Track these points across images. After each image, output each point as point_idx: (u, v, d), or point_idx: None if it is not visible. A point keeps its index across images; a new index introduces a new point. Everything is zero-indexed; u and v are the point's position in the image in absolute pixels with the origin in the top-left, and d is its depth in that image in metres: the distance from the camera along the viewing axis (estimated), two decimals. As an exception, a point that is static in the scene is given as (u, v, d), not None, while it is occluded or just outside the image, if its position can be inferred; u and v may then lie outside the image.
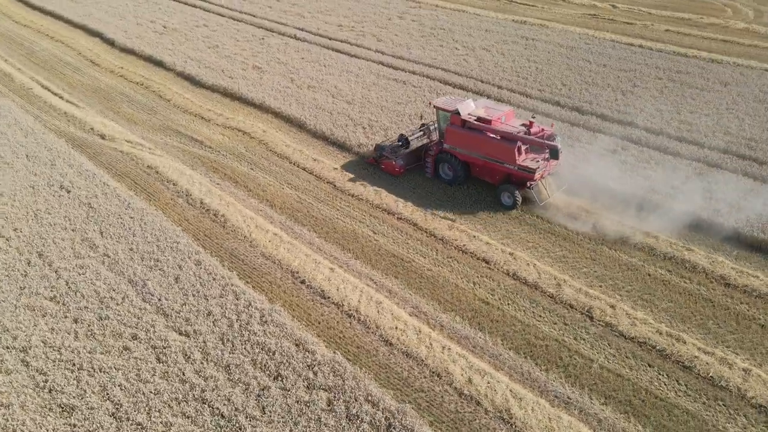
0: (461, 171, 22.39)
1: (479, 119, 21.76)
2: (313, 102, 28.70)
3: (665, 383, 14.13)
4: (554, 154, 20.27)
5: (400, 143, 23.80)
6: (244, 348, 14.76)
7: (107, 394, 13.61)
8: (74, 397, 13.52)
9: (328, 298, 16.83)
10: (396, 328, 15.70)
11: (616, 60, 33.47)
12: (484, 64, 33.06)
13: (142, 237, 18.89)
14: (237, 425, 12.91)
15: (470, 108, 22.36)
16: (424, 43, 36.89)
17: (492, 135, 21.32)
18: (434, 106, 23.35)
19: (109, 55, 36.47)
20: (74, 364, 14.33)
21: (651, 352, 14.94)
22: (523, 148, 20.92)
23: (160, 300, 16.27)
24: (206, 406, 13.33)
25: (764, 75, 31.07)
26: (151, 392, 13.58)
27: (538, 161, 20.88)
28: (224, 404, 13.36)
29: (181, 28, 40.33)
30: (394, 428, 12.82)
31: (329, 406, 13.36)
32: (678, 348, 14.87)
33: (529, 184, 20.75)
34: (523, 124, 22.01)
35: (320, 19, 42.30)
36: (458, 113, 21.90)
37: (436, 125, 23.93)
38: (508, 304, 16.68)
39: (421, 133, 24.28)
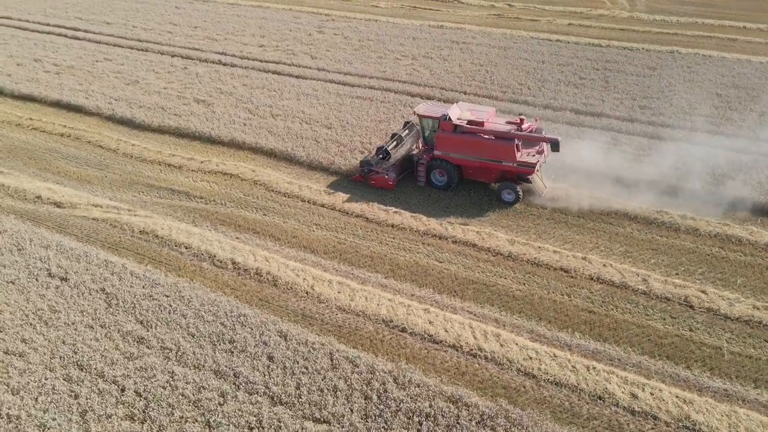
0: (456, 175, 22.51)
1: (470, 122, 22.00)
2: (288, 131, 26.51)
3: (790, 355, 15.19)
4: (555, 146, 21.31)
5: (382, 156, 23.06)
6: (400, 420, 13.09)
7: None
8: None
9: (442, 341, 15.57)
10: (530, 358, 15.00)
11: (549, 56, 35.40)
12: (435, 72, 33.07)
13: (196, 317, 15.93)
14: None
15: (457, 112, 22.45)
16: (361, 56, 35.95)
17: (486, 136, 21.58)
18: (418, 115, 23.24)
19: (1, 105, 30.47)
20: (215, 493, 11.66)
21: (759, 328, 15.90)
22: (520, 144, 21.71)
23: (268, 388, 13.83)
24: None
25: (676, 56, 34.83)
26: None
27: (534, 155, 21.62)
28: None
29: (79, 65, 34.95)
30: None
31: (528, 460, 12.37)
32: (781, 319, 16.08)
33: (529, 178, 21.51)
34: (509, 122, 22.69)
35: (235, 40, 39.27)
36: (448, 119, 21.90)
37: (419, 133, 23.96)
38: (612, 309, 16.76)
39: (395, 142, 23.83)
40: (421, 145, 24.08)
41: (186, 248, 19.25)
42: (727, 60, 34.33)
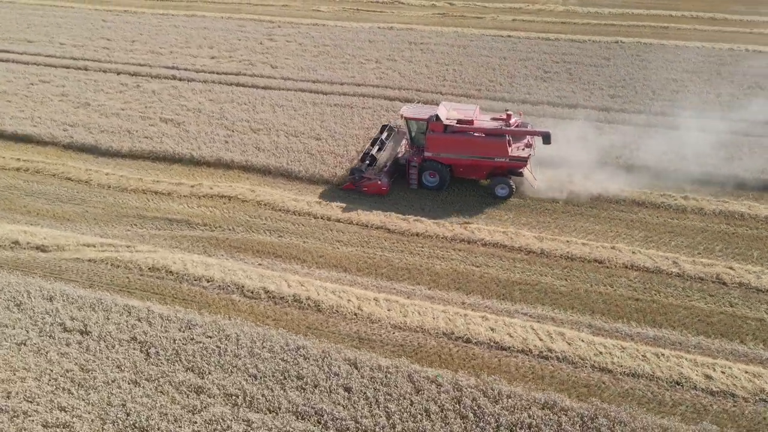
0: (448, 175, 22.62)
1: (460, 121, 22.20)
2: (276, 146, 25.23)
3: (825, 318, 16.33)
4: (547, 139, 21.89)
5: (369, 162, 22.76)
6: (503, 435, 12.77)
7: None
8: None
9: (509, 347, 15.36)
10: (600, 353, 15.11)
11: (507, 52, 36.14)
12: (404, 74, 32.78)
13: (251, 356, 14.68)
14: None
15: (444, 112, 22.57)
16: (323, 62, 34.97)
17: (477, 134, 21.83)
18: (404, 117, 23.23)
19: (-68, 142, 26.82)
20: None
21: (790, 296, 17.07)
22: (511, 140, 22.31)
23: (358, 422, 12.98)
24: None
25: (622, 46, 36.58)
26: None
27: (523, 149, 22.20)
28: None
29: (12, 90, 31.41)
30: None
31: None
32: (807, 286, 17.27)
33: (521, 171, 22.08)
34: (494, 118, 23.12)
35: (182, 53, 36.92)
36: (439, 119, 22.00)
37: (401, 135, 24.42)
38: (655, 294, 17.26)
39: (378, 147, 23.68)
40: (406, 147, 23.92)
41: (208, 281, 17.76)
42: (667, 47, 36.57)
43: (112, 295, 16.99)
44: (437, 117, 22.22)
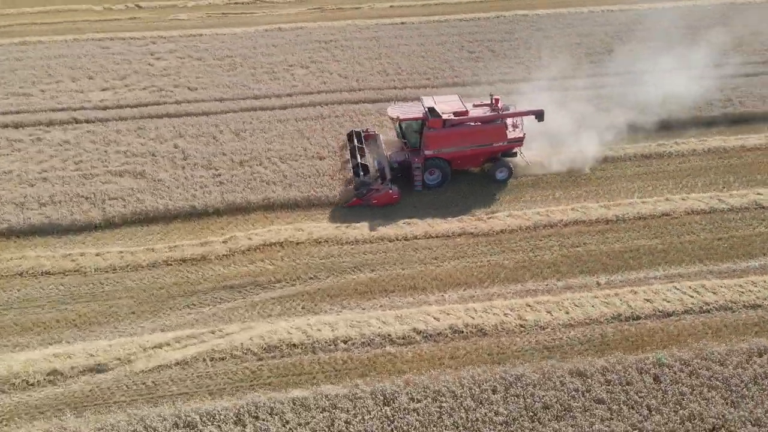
0: (449, 170, 22.67)
1: (456, 114, 22.27)
2: (282, 175, 22.12)
3: None
4: (540, 117, 22.78)
5: (364, 173, 21.93)
6: (764, 394, 13.41)
7: None
8: None
9: (673, 312, 16.13)
10: (742, 293, 16.63)
11: (419, 38, 35.87)
12: (345, 75, 30.84)
13: (482, 403, 13.19)
14: None
15: (437, 107, 22.45)
16: (244, 75, 31.13)
17: (474, 123, 22.24)
18: (399, 120, 22.33)
19: None
20: None
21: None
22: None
23: (637, 427, 12.50)
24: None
25: (513, 19, 38.88)
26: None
27: (514, 130, 23.20)
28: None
29: None
30: None
31: None
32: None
33: (514, 152, 23.01)
34: (476, 105, 23.37)
35: (57, 90, 29.64)
36: (437, 115, 21.78)
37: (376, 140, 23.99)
38: (728, 230, 19.26)
39: (361, 156, 22.91)
40: (387, 150, 23.12)
41: (344, 342, 15.27)
42: (542, 15, 39.74)
43: (264, 393, 13.64)
44: (434, 112, 21.60)
